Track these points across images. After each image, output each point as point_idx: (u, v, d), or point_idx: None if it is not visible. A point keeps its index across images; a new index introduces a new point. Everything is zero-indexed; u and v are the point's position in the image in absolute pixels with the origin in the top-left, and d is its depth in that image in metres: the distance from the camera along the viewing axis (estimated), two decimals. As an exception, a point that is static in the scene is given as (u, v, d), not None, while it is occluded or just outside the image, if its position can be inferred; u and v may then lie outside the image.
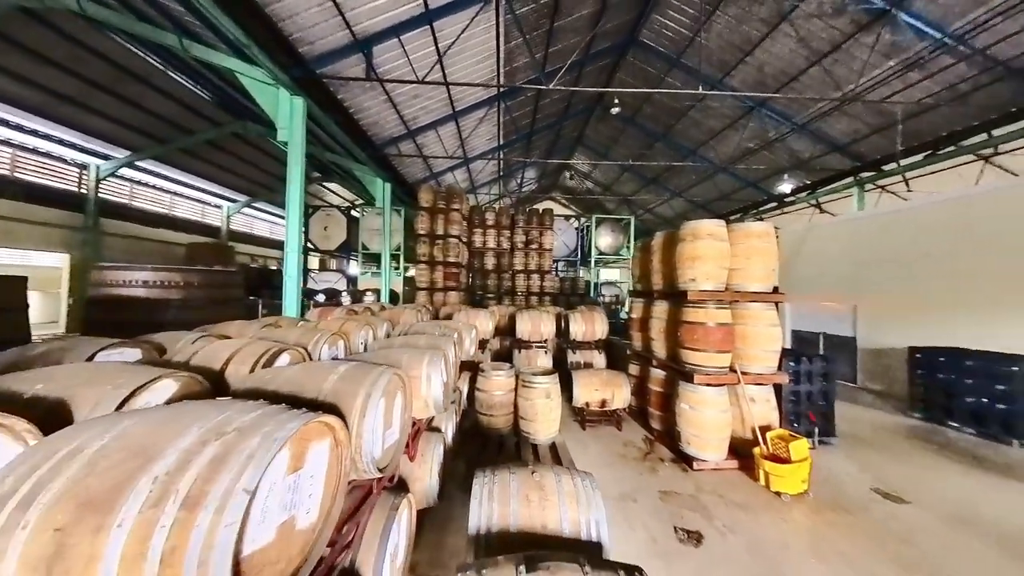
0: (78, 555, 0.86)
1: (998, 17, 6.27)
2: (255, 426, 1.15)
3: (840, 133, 10.06)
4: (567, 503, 2.02)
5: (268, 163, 14.97)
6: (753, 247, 4.08)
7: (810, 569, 2.57)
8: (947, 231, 6.64)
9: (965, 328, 6.02)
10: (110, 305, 5.05)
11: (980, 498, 3.56)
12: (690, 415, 3.96)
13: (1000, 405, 4.96)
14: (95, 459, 1.01)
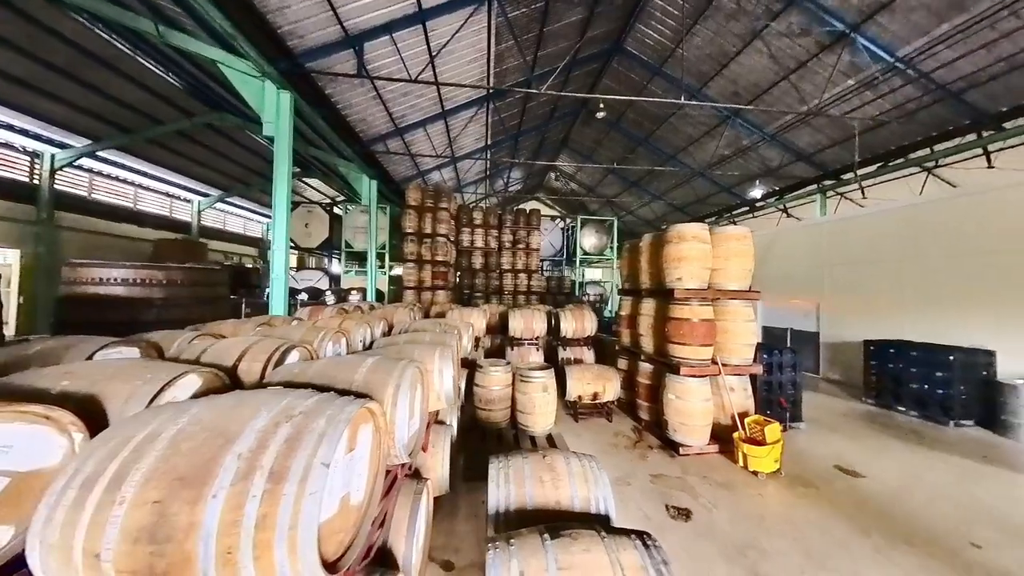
0: (178, 523, 0.96)
1: (940, 45, 7.03)
2: (317, 410, 1.26)
3: (805, 144, 10.86)
4: (576, 482, 2.21)
5: (244, 156, 14.37)
6: (732, 249, 4.44)
7: (783, 535, 2.90)
8: (896, 237, 7.39)
9: (911, 323, 6.74)
10: (85, 304, 4.79)
11: (922, 471, 4.07)
12: (677, 404, 4.27)
13: (939, 390, 5.62)
14: (177, 441, 1.09)
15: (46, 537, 0.98)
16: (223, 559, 0.96)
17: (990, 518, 3.18)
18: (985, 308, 5.94)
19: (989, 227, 6.07)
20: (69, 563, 0.96)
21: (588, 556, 1.56)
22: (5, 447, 1.21)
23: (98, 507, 0.98)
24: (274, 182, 6.85)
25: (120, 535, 0.95)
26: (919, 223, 7.06)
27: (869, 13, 7.10)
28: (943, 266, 6.57)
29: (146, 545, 0.94)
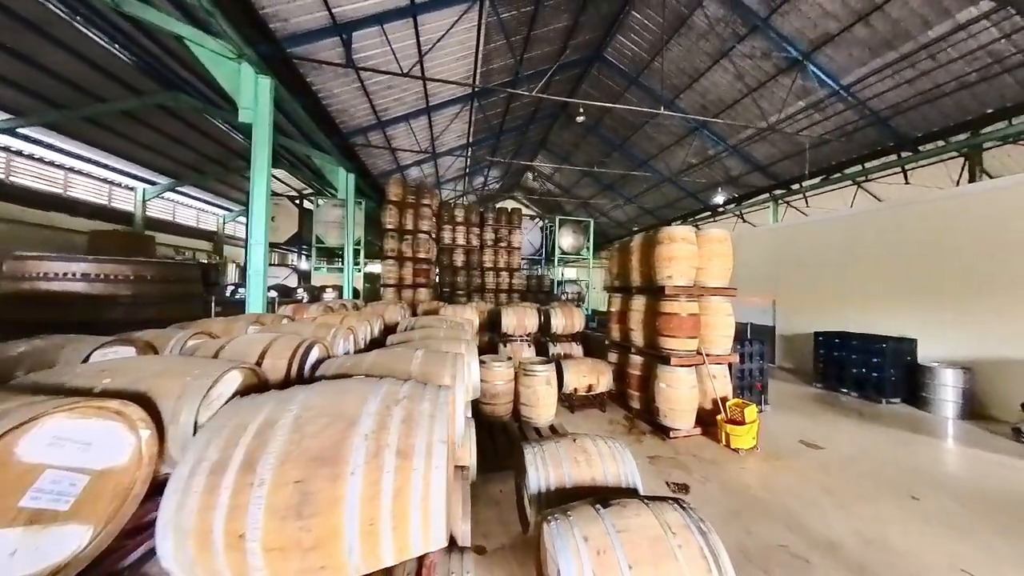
0: (322, 499, 1.02)
1: (873, 77, 8.14)
2: (416, 395, 1.35)
3: (762, 156, 12.01)
4: (607, 461, 2.42)
5: (201, 142, 13.20)
6: (714, 250, 4.91)
7: (766, 499, 3.33)
8: (837, 242, 8.46)
9: (852, 316, 7.78)
10: (35, 302, 4.25)
11: (867, 441, 4.79)
12: (667, 392, 4.66)
13: (874, 374, 6.56)
14: (299, 426, 1.14)
15: (181, 523, 1.00)
16: (366, 530, 1.03)
17: (922, 476, 3.85)
18: (909, 303, 7.02)
19: (909, 235, 7.17)
20: (209, 547, 0.99)
21: (639, 519, 1.76)
22: (85, 444, 1.19)
23: (235, 490, 1.01)
24: (252, 173, 6.44)
25: (266, 514, 0.99)
26: (855, 231, 8.16)
27: (818, 44, 8.06)
28: (875, 268, 7.66)
29: (293, 521, 1.00)
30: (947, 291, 6.52)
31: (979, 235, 6.18)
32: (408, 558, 1.11)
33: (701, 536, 1.74)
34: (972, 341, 6.14)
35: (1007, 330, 5.73)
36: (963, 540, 2.82)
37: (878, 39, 7.49)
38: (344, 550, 1.02)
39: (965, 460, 4.36)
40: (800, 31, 8.02)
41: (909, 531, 2.93)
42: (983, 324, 6.04)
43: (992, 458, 4.33)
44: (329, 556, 1.01)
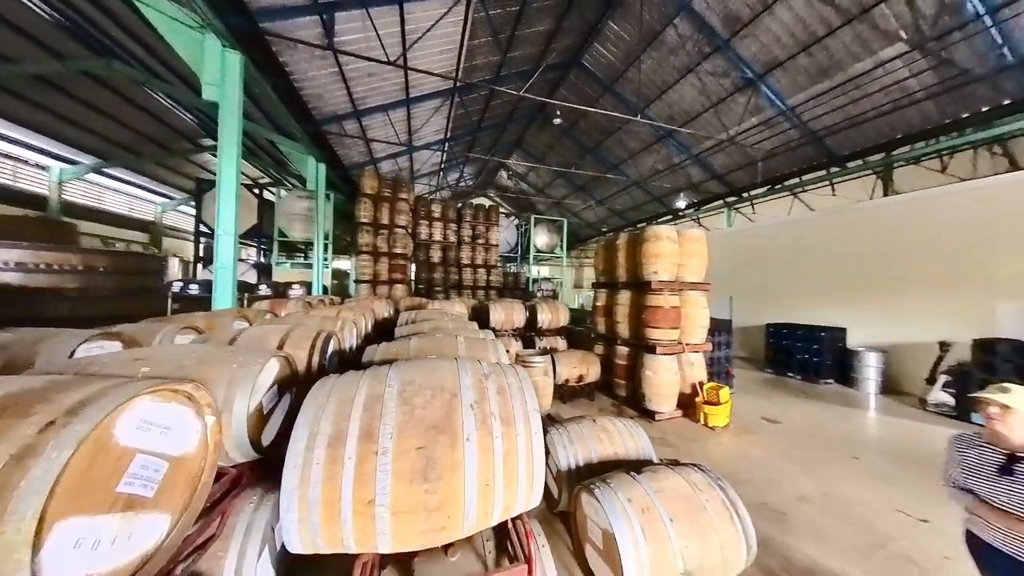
0: (444, 463, 1.11)
1: (811, 101, 9.33)
2: (497, 371, 1.44)
3: (720, 165, 13.20)
4: (626, 438, 2.65)
5: (138, 118, 11.69)
6: (693, 249, 5.40)
7: (744, 467, 3.79)
8: (783, 245, 9.58)
9: (797, 309, 8.87)
10: (-48, 296, 3.60)
11: (813, 415, 5.56)
12: (652, 379, 5.05)
13: (814, 359, 7.58)
14: (407, 398, 1.20)
15: (306, 494, 1.02)
16: (483, 490, 1.12)
17: (858, 441, 4.59)
18: (840, 297, 8.18)
19: (838, 240, 8.36)
20: (337, 515, 1.02)
21: (669, 481, 1.99)
22: (165, 428, 1.16)
23: (359, 459, 1.05)
24: (220, 156, 5.94)
25: (393, 480, 1.04)
26: (796, 235, 9.32)
27: (770, 68, 9.06)
28: (813, 267, 8.81)
29: (420, 485, 1.06)
30: (868, 286, 7.71)
31: (889, 241, 7.39)
32: (511, 516, 1.21)
33: (721, 491, 2.00)
34: (887, 328, 7.33)
35: (912, 319, 6.92)
36: (894, 487, 3.45)
37: (817, 68, 8.60)
38: (463, 510, 1.10)
39: (887, 426, 5.24)
40: (756, 55, 8.96)
41: (855, 484, 3.51)
42: (895, 314, 7.23)
43: (906, 423, 5.25)
44: (450, 516, 1.08)
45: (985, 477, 1.41)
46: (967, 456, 1.49)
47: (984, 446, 1.46)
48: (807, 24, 7.95)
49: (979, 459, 1.44)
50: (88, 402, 0.93)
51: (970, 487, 1.46)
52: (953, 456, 1.55)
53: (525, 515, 1.39)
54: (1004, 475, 1.35)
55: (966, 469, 1.48)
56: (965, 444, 1.53)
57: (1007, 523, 1.32)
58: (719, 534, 1.82)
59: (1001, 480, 1.36)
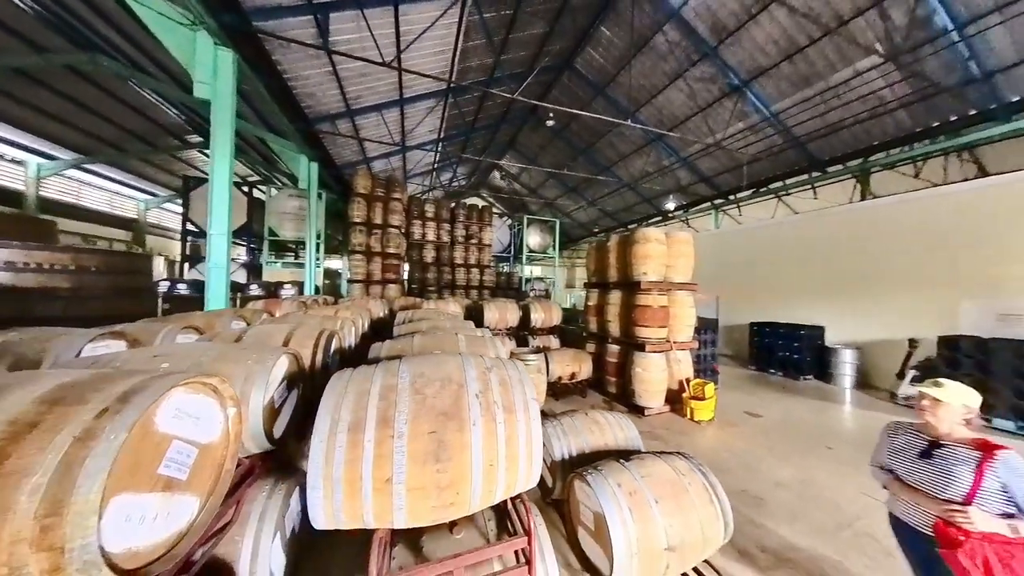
0: (454, 445, 1.24)
1: (794, 108, 9.69)
2: (498, 364, 1.57)
3: (707, 168, 13.55)
4: (616, 430, 2.81)
5: (122, 113, 11.41)
6: (680, 250, 5.61)
7: (728, 457, 4.01)
8: (767, 246, 9.94)
9: (779, 309, 9.22)
10: (-60, 295, 3.57)
11: (792, 409, 5.84)
12: (642, 376, 5.25)
13: (795, 356, 7.91)
14: (418, 389, 1.32)
15: (331, 474, 1.14)
16: (487, 471, 1.26)
17: (832, 432, 4.87)
18: (819, 296, 8.55)
19: (818, 242, 8.73)
20: (358, 492, 1.14)
21: (655, 467, 2.16)
22: (195, 418, 1.26)
23: (378, 442, 1.17)
24: (212, 154, 5.92)
25: (408, 460, 1.17)
26: (779, 237, 9.68)
27: (754, 75, 9.38)
28: (794, 268, 9.18)
29: (432, 465, 1.19)
30: (845, 287, 8.08)
31: (864, 243, 7.77)
32: (512, 495, 1.34)
33: (702, 475, 2.18)
34: (862, 326, 7.71)
35: (884, 317, 7.30)
36: (862, 474, 3.68)
37: (799, 76, 8.94)
38: (470, 488, 1.23)
39: (859, 419, 5.55)
40: (741, 62, 9.27)
41: (828, 471, 3.76)
42: (869, 313, 7.61)
43: (877, 416, 5.57)
44: (457, 494, 1.21)
45: (907, 459, 1.59)
46: (895, 441, 1.68)
47: (912, 433, 1.65)
48: (789, 34, 8.28)
49: (906, 443, 1.63)
50: (135, 392, 1.03)
51: (892, 467, 1.65)
52: (884, 441, 1.75)
53: (524, 495, 1.52)
54: (923, 458, 1.54)
55: (892, 451, 1.67)
56: (894, 431, 1.72)
57: (917, 499, 1.51)
58: (699, 513, 1.99)
59: (919, 462, 1.54)
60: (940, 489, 1.46)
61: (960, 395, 1.53)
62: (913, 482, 1.54)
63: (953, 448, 1.50)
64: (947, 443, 1.52)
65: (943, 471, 1.47)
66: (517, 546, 1.39)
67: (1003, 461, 1.39)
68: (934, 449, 1.53)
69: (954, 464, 1.46)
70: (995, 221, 5.92)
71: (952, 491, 1.42)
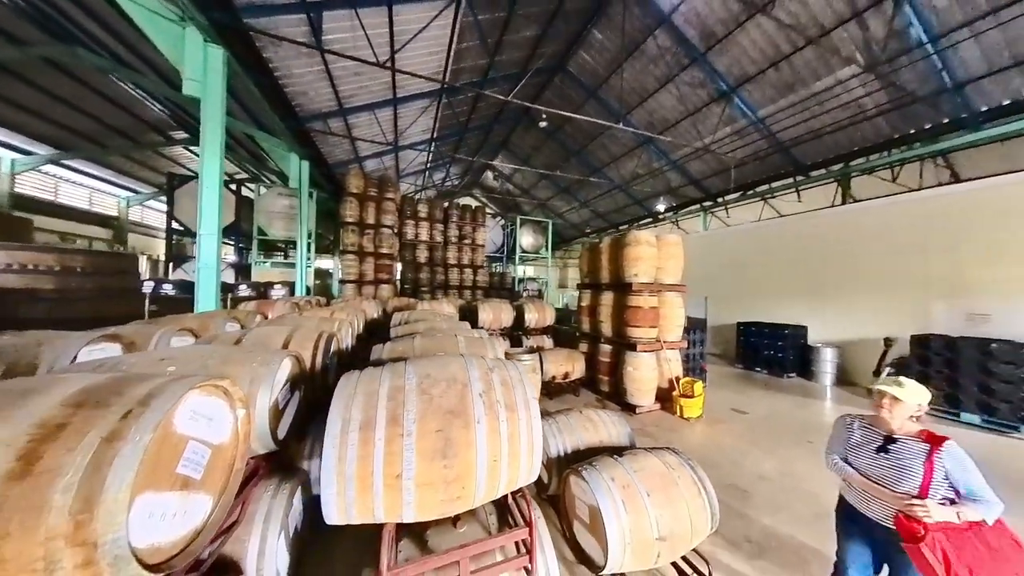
0: (460, 442, 1.31)
1: (780, 114, 10.00)
2: (500, 365, 1.65)
3: (696, 171, 13.85)
4: (609, 427, 2.91)
5: (102, 108, 11.10)
6: (670, 252, 5.77)
7: (716, 453, 4.17)
8: (753, 248, 10.23)
9: (765, 309, 9.51)
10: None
11: (776, 406, 6.07)
12: (633, 375, 5.39)
13: (779, 355, 8.19)
14: (425, 389, 1.39)
15: (344, 471, 1.20)
16: (491, 466, 1.33)
17: (813, 426, 5.09)
18: (802, 297, 8.86)
19: (801, 244, 9.03)
20: (370, 487, 1.20)
21: (647, 462, 2.26)
22: (209, 419, 1.31)
23: (388, 440, 1.24)
24: (202, 152, 5.84)
25: (417, 457, 1.24)
26: (764, 239, 9.98)
27: (742, 81, 9.64)
28: (778, 269, 9.48)
29: (439, 461, 1.26)
30: (826, 287, 8.40)
31: (844, 246, 8.08)
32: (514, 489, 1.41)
33: (691, 470, 2.29)
34: (842, 326, 8.02)
35: (862, 317, 7.62)
36: (842, 467, 3.89)
37: (783, 83, 9.23)
38: (475, 482, 1.30)
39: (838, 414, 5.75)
40: (729, 68, 9.52)
41: (809, 464, 3.95)
42: (848, 313, 7.93)
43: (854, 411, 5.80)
44: (463, 488, 1.28)
45: (866, 454, 1.69)
46: (852, 435, 1.79)
47: (867, 427, 1.75)
48: (775, 42, 8.54)
49: (863, 439, 1.74)
50: (155, 394, 1.07)
51: (852, 462, 1.74)
52: (840, 433, 1.86)
53: (525, 489, 1.60)
54: (880, 453, 1.64)
55: (851, 446, 1.77)
56: (850, 424, 1.84)
57: (876, 492, 1.60)
58: (688, 505, 2.10)
59: (877, 457, 1.64)
60: (897, 483, 1.56)
61: (917, 394, 1.63)
62: (873, 476, 1.64)
63: (906, 442, 1.61)
64: (900, 437, 1.63)
65: (900, 465, 1.57)
66: (518, 537, 1.46)
67: (948, 452, 1.52)
68: (889, 444, 1.64)
69: (908, 458, 1.57)
70: (965, 226, 6.25)
71: (908, 484, 1.53)
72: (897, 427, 1.65)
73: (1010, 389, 4.76)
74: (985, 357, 5.00)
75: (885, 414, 1.66)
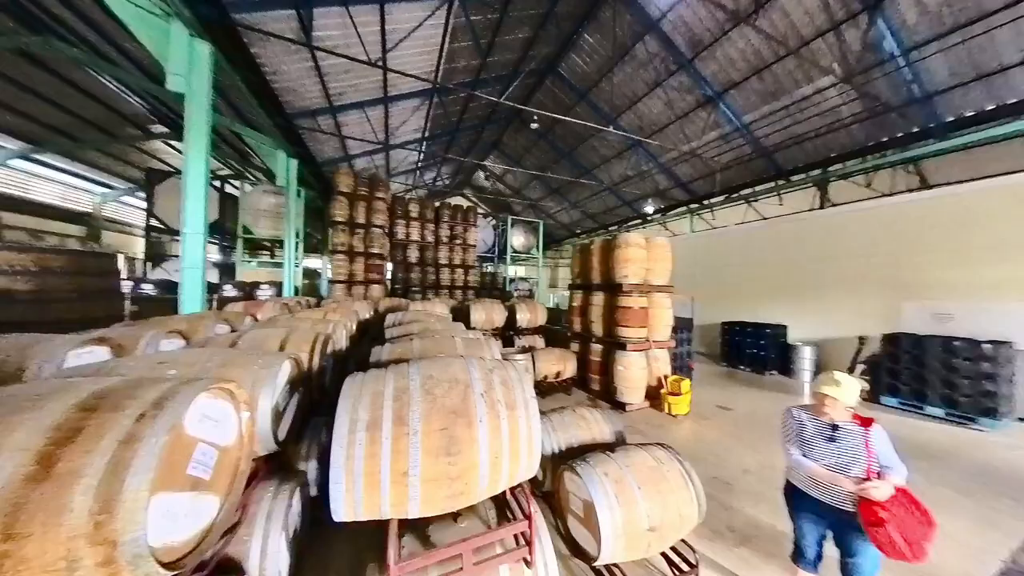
0: (463, 439, 1.38)
1: (762, 120, 10.34)
2: (499, 366, 1.71)
3: (683, 174, 14.17)
4: (602, 424, 3.01)
5: (78, 102, 10.66)
6: (659, 254, 5.93)
7: (701, 447, 4.34)
8: (737, 250, 10.57)
9: (748, 309, 9.83)
10: None
11: (758, 402, 6.31)
12: (623, 373, 5.52)
13: (761, 353, 8.49)
14: (428, 389, 1.45)
15: (352, 469, 1.24)
16: (493, 463, 1.40)
17: (793, 422, 5.31)
18: (782, 298, 9.21)
19: (781, 246, 9.39)
20: (377, 484, 1.25)
21: (638, 457, 2.36)
22: (216, 421, 1.34)
23: (394, 439, 1.29)
24: (186, 151, 5.73)
25: (423, 454, 1.29)
26: (747, 241, 10.33)
27: (727, 87, 9.93)
28: (761, 271, 9.82)
29: (444, 457, 1.31)
30: (805, 288, 8.75)
31: (821, 248, 8.44)
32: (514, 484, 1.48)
33: (680, 464, 2.41)
34: (819, 325, 8.38)
35: (838, 316, 7.98)
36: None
37: (766, 91, 9.56)
38: (478, 479, 1.36)
39: (818, 410, 6.06)
40: (715, 75, 9.79)
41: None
42: (826, 312, 8.28)
43: (833, 407, 6.10)
44: (467, 483, 1.34)
45: (818, 445, 1.87)
46: (804, 428, 1.96)
47: (814, 419, 1.93)
48: (758, 51, 8.84)
49: (815, 431, 1.92)
50: (168, 397, 1.09)
51: (807, 453, 1.91)
52: (790, 425, 2.04)
53: (524, 484, 1.67)
54: (830, 442, 1.83)
55: (804, 440, 1.94)
56: (797, 417, 2.02)
57: (833, 479, 1.76)
58: (677, 497, 2.20)
59: (829, 446, 1.83)
60: (850, 468, 1.74)
61: (851, 391, 1.82)
62: (829, 465, 1.80)
63: (847, 428, 1.82)
64: (840, 424, 1.83)
65: (849, 451, 1.77)
66: (518, 529, 1.53)
67: (876, 432, 1.77)
68: (835, 432, 1.83)
69: (853, 444, 1.78)
70: (931, 230, 6.62)
71: (858, 468, 1.72)
72: (839, 417, 1.85)
73: (969, 384, 5.09)
74: (947, 354, 5.33)
75: (826, 409, 1.86)
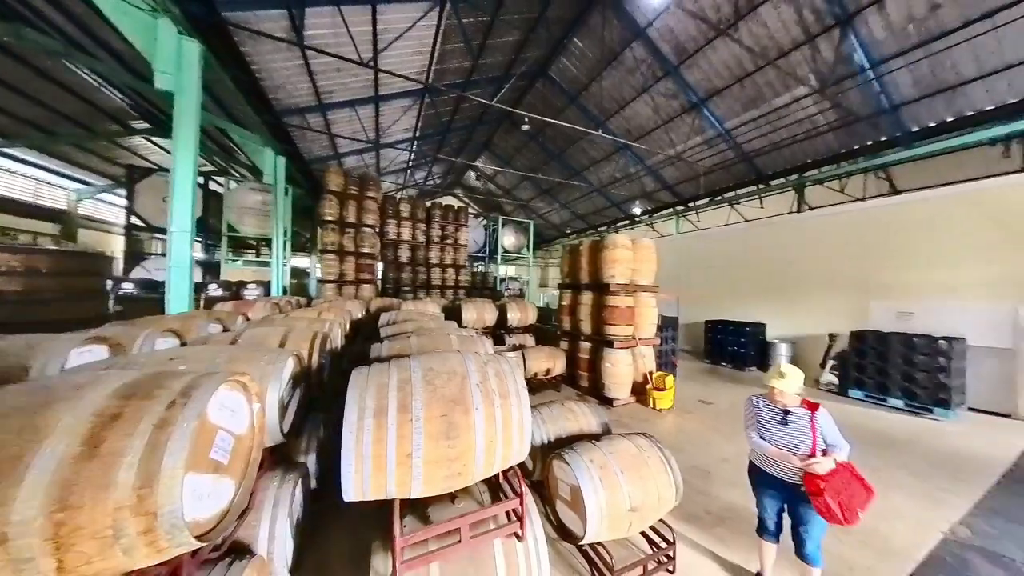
0: (461, 426, 1.53)
1: (744, 126, 10.75)
2: (493, 359, 1.86)
3: (670, 177, 14.57)
4: (589, 416, 3.19)
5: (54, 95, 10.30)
6: (645, 255, 6.17)
7: (684, 439, 4.57)
8: (719, 251, 10.96)
9: (729, 308, 10.23)
10: None
11: (737, 396, 6.62)
12: (611, 370, 5.74)
13: (741, 350, 8.87)
14: (428, 380, 1.59)
15: (361, 452, 1.37)
16: (488, 446, 1.54)
17: (769, 414, 5.62)
18: (762, 297, 9.62)
19: (760, 248, 9.81)
20: (384, 465, 1.38)
21: (621, 445, 2.55)
22: (232, 411, 1.45)
23: (399, 424, 1.42)
24: (175, 150, 5.69)
25: (425, 438, 1.43)
26: (730, 243, 10.74)
27: (710, 94, 10.30)
28: (742, 271, 10.24)
29: (444, 441, 1.45)
30: (782, 288, 9.18)
31: (797, 250, 8.87)
32: (508, 467, 1.63)
33: (660, 451, 2.60)
34: (795, 323, 8.80)
35: (812, 315, 8.41)
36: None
37: (748, 99, 9.96)
38: (474, 460, 1.50)
39: (792, 403, 6.41)
40: (699, 82, 10.14)
41: (764, 447, 4.41)
42: (800, 311, 8.71)
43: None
44: (464, 465, 1.48)
45: (773, 428, 2.12)
46: (761, 413, 2.22)
47: (769, 405, 2.19)
48: (739, 60, 9.20)
49: (770, 416, 2.17)
50: (193, 387, 1.20)
51: (764, 435, 2.16)
52: (750, 411, 2.30)
53: (516, 467, 1.82)
54: (782, 425, 2.08)
55: (761, 423, 2.20)
56: (756, 404, 2.27)
57: (784, 458, 2.01)
58: (656, 481, 2.39)
59: (781, 429, 2.08)
60: (798, 447, 2.00)
61: (795, 381, 2.09)
62: (780, 445, 2.06)
63: (796, 412, 2.08)
64: (791, 409, 2.09)
65: (797, 434, 2.03)
66: (510, 507, 1.68)
67: (821, 415, 2.04)
68: (786, 416, 2.09)
69: (800, 426, 2.03)
70: (898, 234, 7.06)
71: (805, 446, 1.99)
72: (790, 403, 2.12)
73: (926, 377, 5.49)
74: (908, 350, 5.73)
75: (777, 397, 2.13)
